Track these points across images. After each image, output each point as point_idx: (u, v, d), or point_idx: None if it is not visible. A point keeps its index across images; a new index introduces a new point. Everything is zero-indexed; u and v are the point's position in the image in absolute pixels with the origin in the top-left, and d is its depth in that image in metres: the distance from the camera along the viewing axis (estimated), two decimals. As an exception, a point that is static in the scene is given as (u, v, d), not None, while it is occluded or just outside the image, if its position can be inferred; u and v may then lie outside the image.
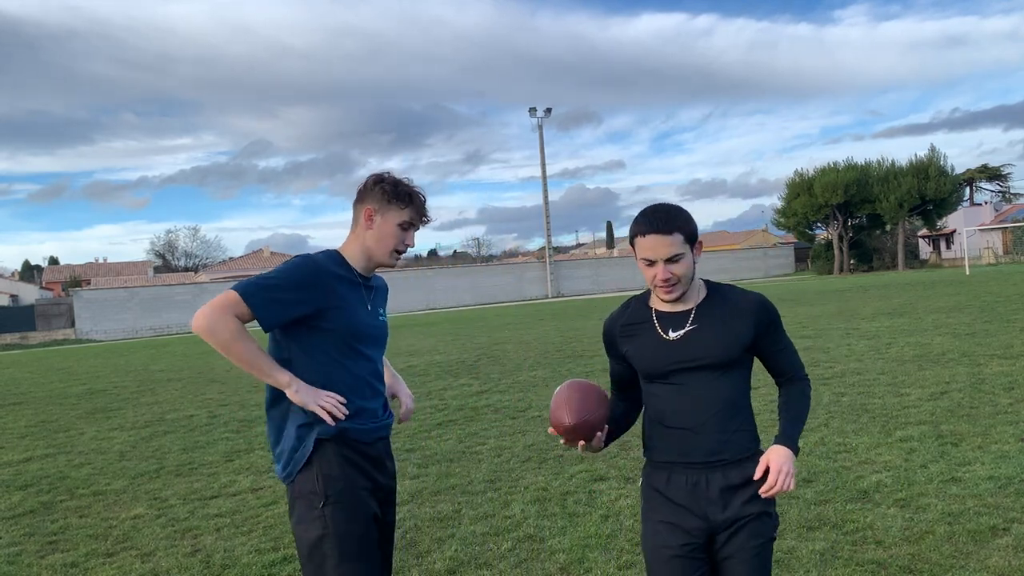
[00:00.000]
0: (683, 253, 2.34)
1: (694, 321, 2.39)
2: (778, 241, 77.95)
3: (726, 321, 2.38)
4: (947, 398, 7.90)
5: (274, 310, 2.52)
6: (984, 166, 76.13)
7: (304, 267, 2.59)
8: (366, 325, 2.67)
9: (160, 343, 33.65)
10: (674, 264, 2.34)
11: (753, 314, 2.40)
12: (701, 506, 2.35)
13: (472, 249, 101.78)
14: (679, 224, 2.34)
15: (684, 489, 2.37)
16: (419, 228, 2.74)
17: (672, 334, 2.39)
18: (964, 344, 11.64)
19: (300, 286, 2.54)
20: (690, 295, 2.43)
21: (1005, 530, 4.34)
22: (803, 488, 5.36)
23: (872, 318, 17.14)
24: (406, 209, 2.65)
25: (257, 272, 2.96)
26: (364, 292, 2.70)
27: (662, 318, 2.43)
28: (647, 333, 2.43)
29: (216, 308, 2.46)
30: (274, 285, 2.52)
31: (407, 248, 2.71)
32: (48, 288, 79.09)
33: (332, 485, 2.54)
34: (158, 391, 14.19)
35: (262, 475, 7.01)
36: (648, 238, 2.33)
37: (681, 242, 2.33)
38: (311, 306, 2.55)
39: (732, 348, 2.36)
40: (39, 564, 5.06)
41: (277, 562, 4.75)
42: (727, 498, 2.35)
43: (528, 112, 58.52)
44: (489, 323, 27.39)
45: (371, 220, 2.65)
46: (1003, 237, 59.75)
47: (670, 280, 2.34)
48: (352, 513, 2.54)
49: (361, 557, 2.53)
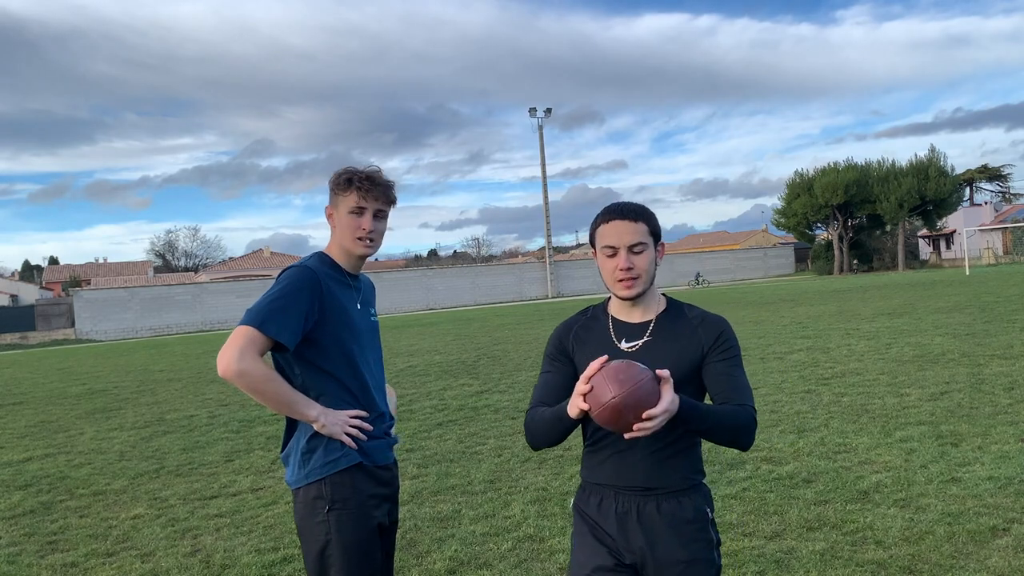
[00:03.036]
0: (647, 244, 2.22)
1: (651, 334, 2.24)
2: (778, 241, 78.03)
3: (682, 338, 2.22)
4: (947, 398, 7.90)
5: (292, 326, 2.47)
6: (984, 166, 76.12)
7: (300, 274, 2.56)
8: (360, 324, 2.67)
9: (160, 343, 33.65)
10: (637, 255, 2.20)
11: (711, 336, 2.23)
12: (629, 538, 2.18)
13: (472, 249, 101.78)
14: (646, 216, 2.24)
15: (613, 517, 2.20)
16: (376, 208, 2.62)
17: (625, 344, 2.24)
18: (964, 344, 11.64)
19: (303, 291, 2.52)
20: (650, 304, 2.28)
21: (1005, 530, 4.34)
22: (803, 488, 5.36)
23: (872, 318, 17.14)
24: (351, 194, 2.60)
25: (257, 272, 2.95)
26: (353, 292, 2.70)
27: (618, 327, 2.28)
28: (600, 340, 2.27)
29: (237, 350, 2.40)
30: (280, 302, 2.48)
31: (368, 231, 2.61)
32: (48, 288, 79.10)
33: (338, 491, 2.51)
34: (158, 391, 14.19)
35: (262, 475, 7.01)
36: (612, 224, 2.21)
37: (646, 232, 2.22)
38: (318, 311, 2.53)
39: (682, 367, 2.18)
40: (39, 564, 5.06)
41: (277, 562, 4.75)
42: (657, 534, 2.16)
43: (528, 112, 58.58)
44: (489, 323, 27.39)
45: (331, 218, 2.67)
46: (1003, 237, 59.75)
47: (632, 271, 2.19)
48: (357, 520, 2.52)
49: (364, 565, 2.51)
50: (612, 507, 2.20)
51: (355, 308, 2.67)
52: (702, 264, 62.86)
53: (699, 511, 2.21)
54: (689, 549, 2.16)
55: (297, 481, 2.57)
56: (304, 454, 2.56)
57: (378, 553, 2.58)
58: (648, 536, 2.17)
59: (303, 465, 2.56)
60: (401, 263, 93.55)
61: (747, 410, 2.16)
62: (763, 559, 4.21)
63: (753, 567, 4.12)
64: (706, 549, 2.19)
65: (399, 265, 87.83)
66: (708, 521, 2.23)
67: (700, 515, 2.21)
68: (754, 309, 23.52)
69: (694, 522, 2.19)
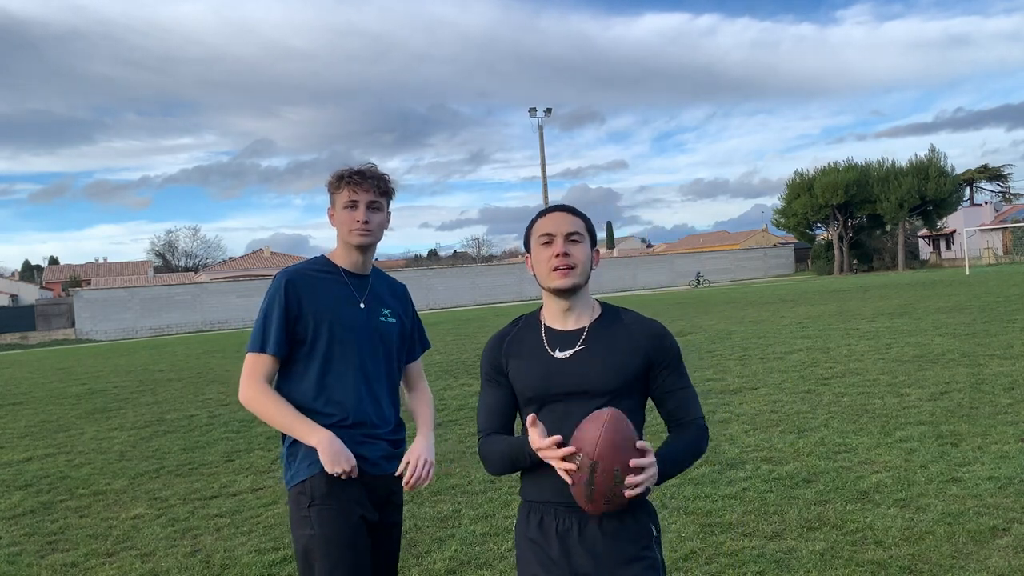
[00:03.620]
0: (583, 236, 2.18)
1: (584, 341, 2.16)
2: (778, 241, 78.01)
3: (618, 345, 2.16)
4: (947, 398, 7.90)
5: (274, 336, 2.60)
6: (984, 166, 76.09)
7: (272, 283, 2.67)
8: (352, 321, 2.65)
9: (160, 343, 33.65)
10: (574, 244, 2.16)
11: (648, 343, 2.17)
12: (572, 560, 2.09)
13: (472, 249, 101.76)
14: (583, 215, 2.24)
15: (555, 537, 2.12)
16: (368, 199, 2.64)
17: (559, 353, 2.16)
18: (964, 344, 11.64)
19: (275, 299, 2.62)
20: (583, 311, 2.21)
21: (1005, 530, 4.34)
22: (803, 488, 5.36)
23: (872, 318, 17.14)
24: (343, 191, 2.65)
25: (257, 272, 2.99)
26: (353, 288, 2.70)
27: (551, 335, 2.20)
28: (533, 350, 2.20)
29: (243, 380, 2.63)
30: (261, 319, 2.62)
31: (362, 222, 2.64)
32: (48, 288, 79.11)
33: (318, 487, 2.54)
34: (158, 391, 14.19)
35: (262, 475, 7.01)
36: (549, 216, 2.21)
37: (583, 227, 2.20)
38: (296, 309, 2.60)
39: (620, 375, 2.12)
40: (39, 564, 5.06)
41: (277, 562, 4.75)
42: (599, 552, 2.08)
43: (528, 112, 58.58)
44: (489, 323, 27.37)
45: (332, 218, 2.72)
46: (1003, 237, 59.74)
47: (569, 258, 2.13)
48: (338, 515, 2.53)
49: (345, 557, 2.51)
50: (553, 525, 2.13)
51: (351, 306, 2.67)
52: (702, 264, 62.84)
53: (643, 529, 2.13)
54: (633, 569, 2.07)
55: (288, 481, 2.65)
56: (288, 457, 2.64)
57: (362, 546, 2.56)
58: (591, 556, 2.09)
59: (289, 467, 2.64)
60: (401, 263, 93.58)
61: (698, 427, 2.19)
62: (763, 559, 4.21)
63: (753, 567, 4.12)
64: (650, 569, 2.09)
65: (399, 265, 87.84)
66: (652, 539, 2.15)
67: (644, 533, 2.13)
68: (754, 309, 23.51)
69: (637, 540, 2.11)
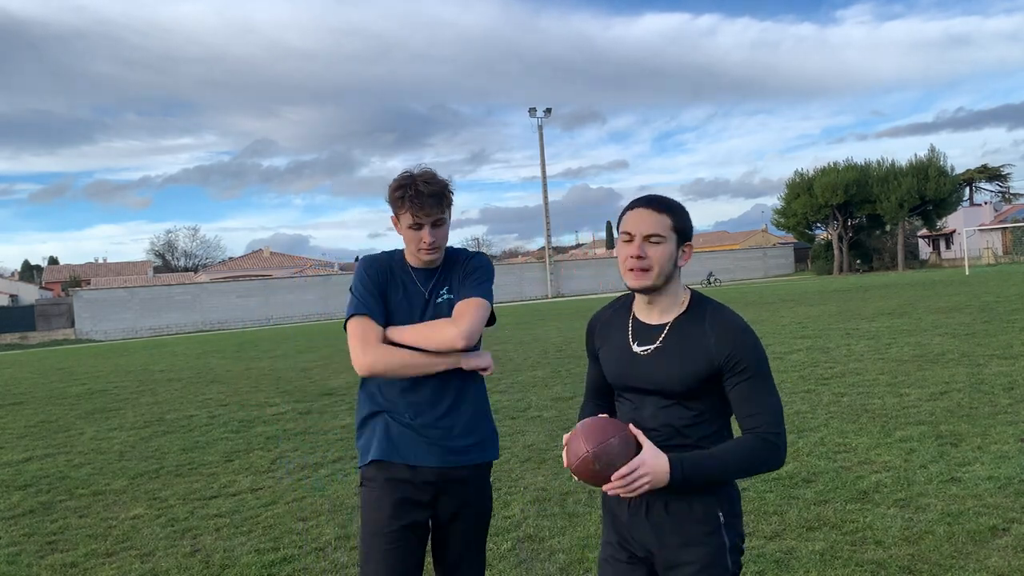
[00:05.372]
0: (666, 238, 2.07)
1: (665, 339, 2.12)
2: (778, 241, 78.00)
3: (693, 346, 2.08)
4: (947, 398, 7.90)
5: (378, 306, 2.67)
6: (984, 166, 76.13)
7: (364, 260, 2.80)
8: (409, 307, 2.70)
9: (160, 343, 33.65)
10: (652, 245, 2.06)
11: (722, 346, 2.06)
12: (637, 534, 2.17)
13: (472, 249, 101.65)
14: (674, 209, 2.10)
15: (626, 510, 2.19)
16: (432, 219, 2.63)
17: (638, 348, 2.15)
18: (964, 344, 11.64)
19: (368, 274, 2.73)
20: (669, 306, 2.15)
21: (1005, 530, 4.34)
22: (803, 488, 5.36)
23: (872, 318, 17.14)
24: (406, 212, 2.63)
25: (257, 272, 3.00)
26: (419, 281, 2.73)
27: (637, 327, 2.18)
28: (618, 339, 2.20)
29: (362, 344, 2.60)
30: (360, 289, 2.70)
31: (429, 244, 2.65)
32: (48, 288, 79.06)
33: (367, 472, 2.70)
34: (158, 391, 14.19)
35: (262, 475, 7.01)
36: (635, 211, 2.09)
37: (668, 227, 2.07)
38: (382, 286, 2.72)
39: (691, 378, 2.06)
40: (39, 564, 5.05)
41: (277, 562, 4.75)
42: (663, 531, 2.12)
43: (528, 112, 58.58)
44: (489, 323, 27.35)
45: (396, 226, 2.75)
46: (1003, 237, 59.75)
47: (643, 260, 2.05)
48: (379, 498, 2.64)
49: (376, 536, 2.60)
50: (626, 501, 2.17)
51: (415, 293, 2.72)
52: (702, 264, 62.85)
53: (709, 513, 2.11)
54: (694, 552, 2.08)
55: None
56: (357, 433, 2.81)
57: (396, 529, 2.60)
58: (656, 533, 2.13)
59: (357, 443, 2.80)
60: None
61: (763, 439, 2.04)
62: (763, 559, 4.21)
63: (753, 567, 4.12)
64: (714, 554, 2.08)
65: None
66: (720, 524, 2.12)
67: (710, 517, 2.11)
68: (754, 309, 23.51)
69: (703, 523, 2.10)
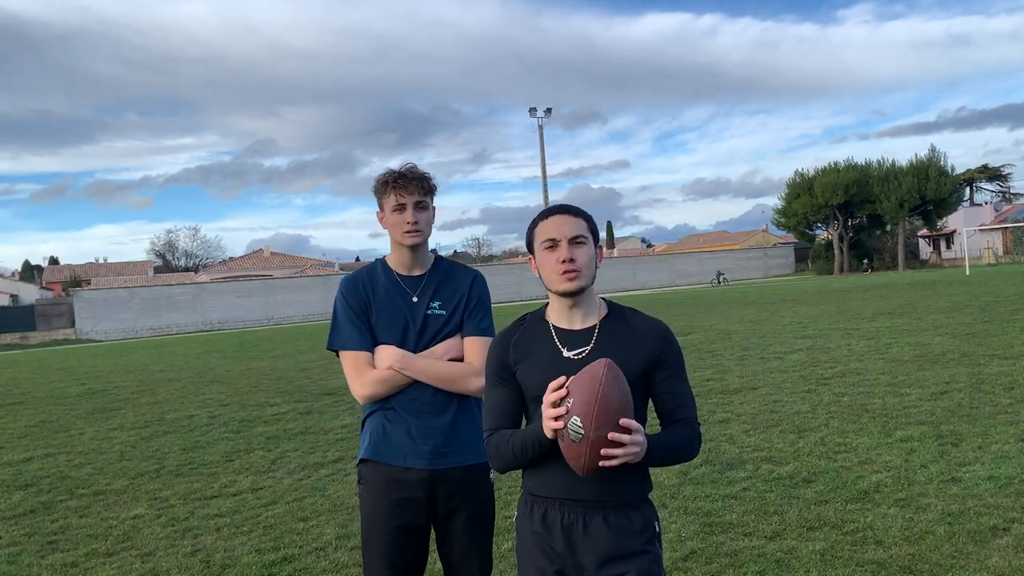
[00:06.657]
0: (587, 239, 2.18)
1: (596, 341, 2.17)
2: (778, 241, 77.99)
3: (625, 345, 2.16)
4: (947, 398, 7.90)
5: (362, 334, 2.72)
6: (984, 166, 76.12)
7: (344, 283, 2.82)
8: (401, 317, 2.74)
9: (160, 343, 33.66)
10: (578, 247, 2.15)
11: (653, 343, 2.18)
12: (576, 553, 2.13)
13: (473, 249, 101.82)
14: (584, 215, 2.22)
15: (559, 531, 2.14)
16: (415, 200, 2.71)
17: (570, 353, 2.16)
18: (964, 344, 11.64)
19: (347, 300, 2.75)
20: (591, 310, 2.22)
21: (1005, 530, 4.34)
22: (803, 488, 5.36)
23: (872, 318, 17.14)
24: (390, 194, 2.71)
25: (257, 272, 3.03)
26: (405, 286, 2.77)
27: (562, 335, 2.20)
28: (543, 350, 2.19)
29: (357, 376, 2.69)
30: (343, 318, 2.74)
31: (412, 224, 2.71)
32: (48, 288, 79.07)
33: (363, 470, 2.76)
34: (158, 391, 14.19)
35: (262, 475, 7.01)
36: (552, 219, 2.19)
37: (586, 228, 2.19)
38: (366, 304, 2.75)
39: (629, 377, 2.09)
40: (39, 564, 5.06)
41: (277, 562, 4.75)
42: (603, 548, 2.11)
43: (529, 112, 58.57)
44: (489, 323, 27.36)
45: (383, 221, 2.80)
46: (1003, 237, 59.75)
47: (574, 262, 2.13)
48: (376, 498, 2.70)
49: (374, 534, 2.69)
50: (558, 519, 2.15)
51: (402, 301, 2.75)
52: (701, 264, 62.83)
53: (647, 524, 2.16)
54: (636, 563, 2.11)
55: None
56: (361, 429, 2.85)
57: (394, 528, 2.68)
58: (596, 549, 2.12)
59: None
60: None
61: (691, 427, 2.20)
62: (763, 559, 4.21)
63: (753, 567, 4.12)
64: (653, 564, 2.13)
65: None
66: (655, 535, 2.18)
67: (648, 528, 2.16)
68: (754, 309, 23.51)
69: (641, 535, 2.14)
